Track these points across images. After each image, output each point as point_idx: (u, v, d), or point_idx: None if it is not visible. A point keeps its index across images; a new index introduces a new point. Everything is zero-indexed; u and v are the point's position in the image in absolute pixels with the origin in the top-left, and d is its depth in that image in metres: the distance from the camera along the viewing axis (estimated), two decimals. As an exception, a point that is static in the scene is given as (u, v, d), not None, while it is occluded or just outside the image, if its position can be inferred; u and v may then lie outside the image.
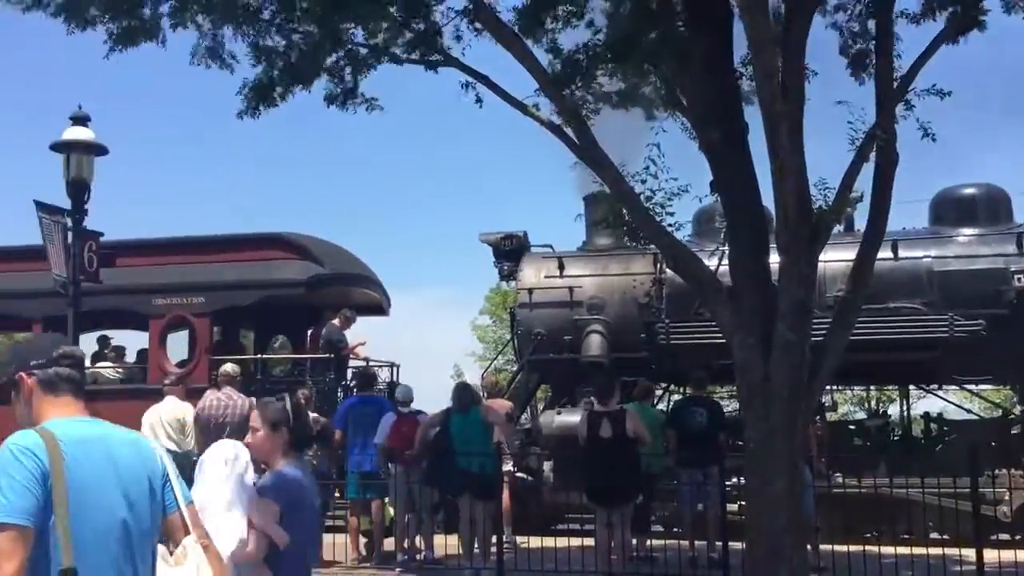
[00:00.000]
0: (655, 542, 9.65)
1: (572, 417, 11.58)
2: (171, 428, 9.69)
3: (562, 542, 9.12)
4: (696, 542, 9.66)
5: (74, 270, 10.49)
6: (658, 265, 12.52)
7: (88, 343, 13.53)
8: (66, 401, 2.54)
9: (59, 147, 10.62)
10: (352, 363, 13.63)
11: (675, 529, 10.65)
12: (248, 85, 8.56)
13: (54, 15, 8.35)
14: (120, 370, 14.14)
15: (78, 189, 10.63)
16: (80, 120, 10.73)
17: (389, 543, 9.88)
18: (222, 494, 3.90)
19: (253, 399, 10.00)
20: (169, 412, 9.80)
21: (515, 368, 14.83)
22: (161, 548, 2.65)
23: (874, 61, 8.18)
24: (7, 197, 66.54)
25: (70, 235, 10.56)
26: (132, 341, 15.04)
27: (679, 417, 10.08)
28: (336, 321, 13.31)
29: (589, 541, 9.36)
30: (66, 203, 10.68)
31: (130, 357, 14.60)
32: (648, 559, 9.42)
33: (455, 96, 8.56)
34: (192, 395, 10.31)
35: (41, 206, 10.57)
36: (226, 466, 3.99)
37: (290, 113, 9.15)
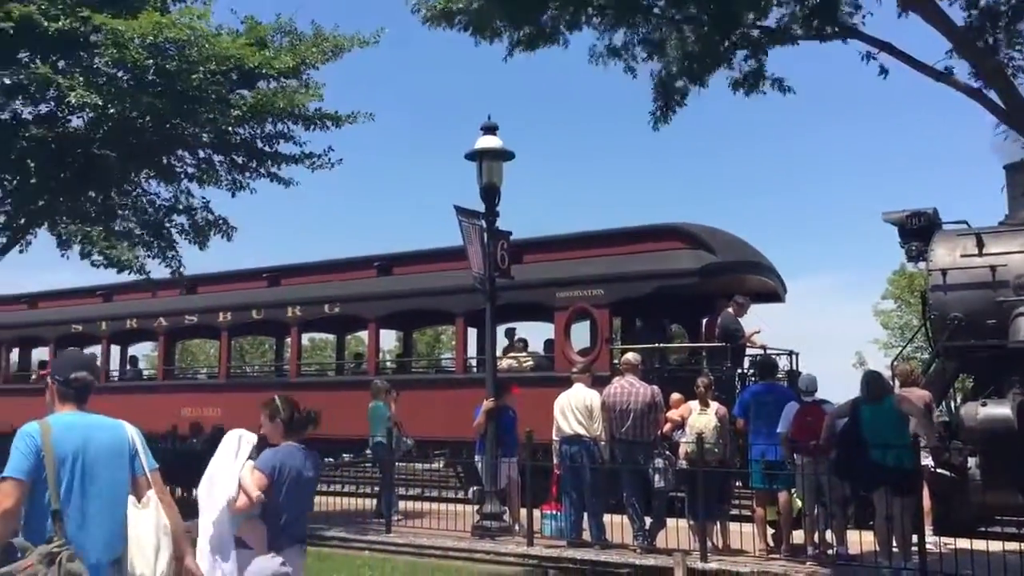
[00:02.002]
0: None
1: (1001, 409, 10.51)
2: (579, 413, 10.18)
3: (994, 546, 8.28)
4: None
5: (489, 268, 11.32)
6: (1105, 236, 10.97)
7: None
8: (68, 406, 3.78)
9: (473, 156, 11.51)
10: (748, 351, 13.45)
11: None
12: (654, 84, 8.73)
13: (463, 29, 8.97)
14: (531, 360, 15.19)
15: (490, 193, 11.44)
16: (490, 129, 11.52)
17: (798, 535, 9.60)
18: (219, 469, 5.06)
19: (655, 387, 10.31)
20: (578, 398, 10.30)
21: (928, 356, 13.71)
22: (132, 498, 3.75)
23: None
24: (427, 200, 74.12)
25: (485, 235, 11.41)
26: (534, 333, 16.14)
27: None
28: (730, 309, 13.21)
29: (1027, 547, 8.41)
30: (480, 206, 11.52)
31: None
32: (1104, 572, 8.25)
33: (849, 71, 8.12)
34: (594, 382, 10.78)
35: (460, 210, 11.54)
36: (224, 449, 5.14)
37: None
